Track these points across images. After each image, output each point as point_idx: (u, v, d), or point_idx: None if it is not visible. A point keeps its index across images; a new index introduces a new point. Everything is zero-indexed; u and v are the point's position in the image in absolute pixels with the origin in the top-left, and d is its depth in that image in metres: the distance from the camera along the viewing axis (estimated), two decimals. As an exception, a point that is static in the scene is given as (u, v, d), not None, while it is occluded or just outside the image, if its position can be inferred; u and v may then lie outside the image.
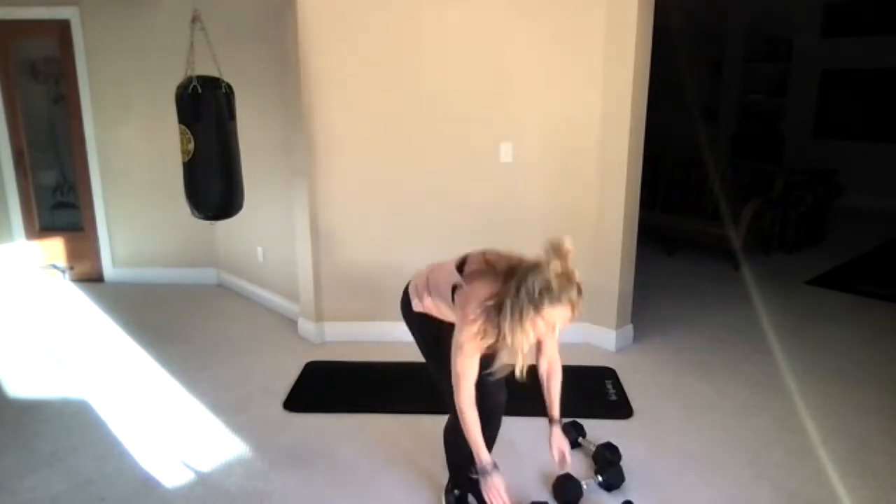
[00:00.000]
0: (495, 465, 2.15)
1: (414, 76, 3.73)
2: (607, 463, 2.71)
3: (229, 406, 3.33)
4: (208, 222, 3.33)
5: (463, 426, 2.12)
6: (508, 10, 3.63)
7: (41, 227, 5.22)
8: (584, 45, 3.64)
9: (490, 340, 2.05)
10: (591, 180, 3.82)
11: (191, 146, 3.02)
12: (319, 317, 4.09)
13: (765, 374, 3.65)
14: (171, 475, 2.78)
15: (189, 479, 2.75)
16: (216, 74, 3.07)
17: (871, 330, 4.26)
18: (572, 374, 3.64)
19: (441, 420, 3.12)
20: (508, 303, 1.92)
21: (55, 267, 5.24)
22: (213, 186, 3.10)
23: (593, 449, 2.81)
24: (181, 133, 3.05)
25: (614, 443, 2.81)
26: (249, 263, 4.79)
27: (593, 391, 3.47)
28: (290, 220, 4.09)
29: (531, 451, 2.93)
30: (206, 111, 2.99)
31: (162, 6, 4.68)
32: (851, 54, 7.81)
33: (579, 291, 1.91)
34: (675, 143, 7.19)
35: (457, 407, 2.11)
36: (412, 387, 3.45)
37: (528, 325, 1.92)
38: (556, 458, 2.39)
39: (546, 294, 1.87)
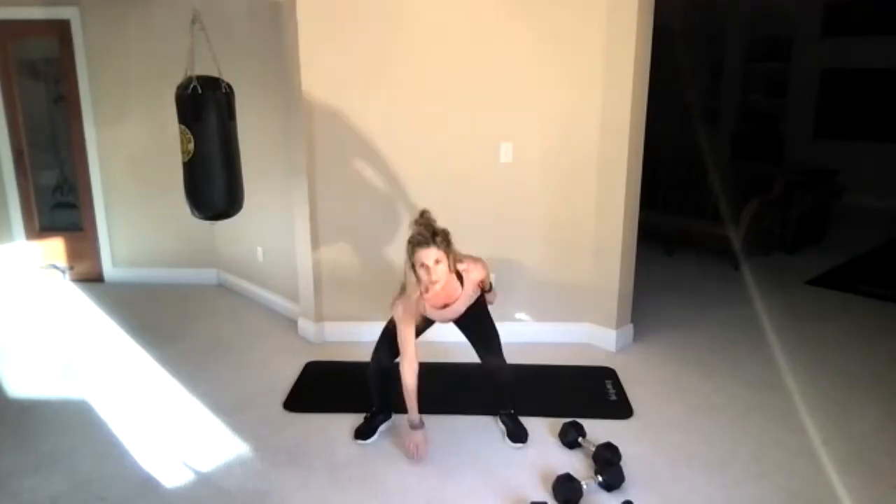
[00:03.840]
0: (422, 423, 2.86)
1: (414, 76, 3.73)
2: (607, 463, 2.70)
3: (229, 406, 3.33)
4: (208, 222, 3.32)
5: (403, 387, 2.82)
6: (508, 11, 3.63)
7: (41, 227, 5.22)
8: (584, 45, 3.64)
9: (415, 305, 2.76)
10: (591, 180, 3.82)
11: (191, 146, 3.02)
12: (319, 317, 4.08)
13: (765, 373, 3.65)
14: (171, 475, 2.78)
15: (189, 479, 2.75)
16: (216, 74, 3.07)
17: (871, 330, 4.26)
18: (572, 374, 3.66)
19: (441, 419, 3.13)
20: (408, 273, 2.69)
21: (55, 267, 5.24)
22: (213, 186, 3.10)
23: (593, 449, 2.81)
24: (181, 133, 3.05)
25: (614, 443, 2.81)
26: (249, 263, 4.80)
27: (593, 391, 3.47)
28: (290, 220, 4.09)
29: (531, 451, 2.93)
30: (206, 111, 2.99)
31: (162, 6, 4.67)
32: (851, 54, 7.81)
33: (438, 234, 2.62)
34: (675, 143, 7.19)
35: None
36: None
37: (417, 270, 2.63)
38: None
39: (410, 245, 2.64)
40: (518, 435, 3.01)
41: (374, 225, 3.94)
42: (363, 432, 3.04)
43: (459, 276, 2.79)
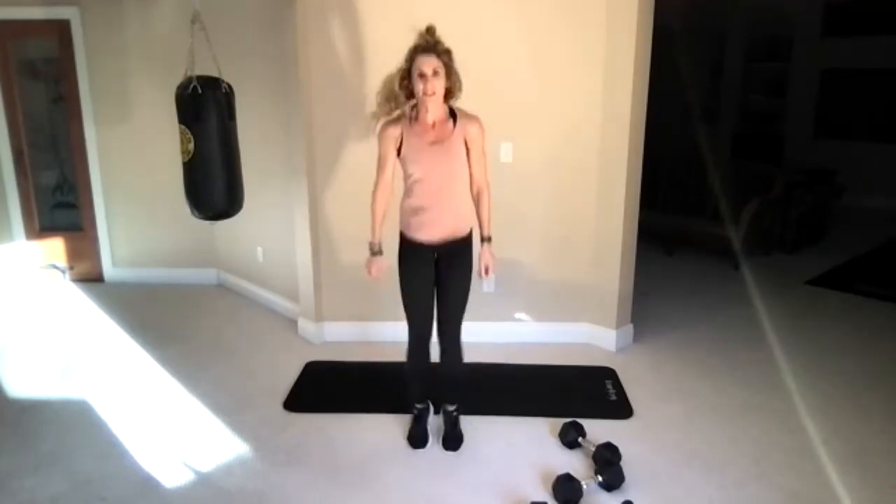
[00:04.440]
0: (380, 249, 2.85)
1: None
2: (607, 463, 2.70)
3: (229, 406, 3.33)
4: (208, 222, 3.32)
5: (371, 208, 2.85)
6: (508, 11, 3.63)
7: (41, 227, 5.22)
8: (584, 45, 3.64)
9: (400, 126, 2.65)
10: (591, 180, 3.82)
11: (191, 146, 3.02)
12: (319, 317, 4.08)
13: (765, 373, 3.65)
14: (171, 475, 2.78)
15: (189, 480, 2.75)
16: (216, 74, 3.07)
17: (871, 330, 4.26)
18: (572, 374, 3.66)
19: (439, 420, 3.12)
20: (395, 80, 2.62)
21: (55, 267, 5.24)
22: (213, 186, 3.10)
23: (593, 449, 2.81)
24: (181, 133, 3.05)
25: (614, 443, 2.81)
26: (249, 263, 4.80)
27: (593, 391, 3.47)
28: (290, 220, 4.09)
29: (530, 451, 2.93)
30: (206, 111, 2.99)
31: (162, 6, 4.67)
32: (851, 54, 7.81)
33: (441, 45, 2.56)
34: (675, 143, 7.19)
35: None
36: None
37: (414, 80, 2.53)
38: (481, 269, 2.80)
39: (411, 51, 2.56)
40: (453, 440, 2.93)
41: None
42: (418, 439, 2.95)
43: (453, 116, 2.66)
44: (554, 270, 3.97)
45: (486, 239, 2.81)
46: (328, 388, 3.55)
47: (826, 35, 7.99)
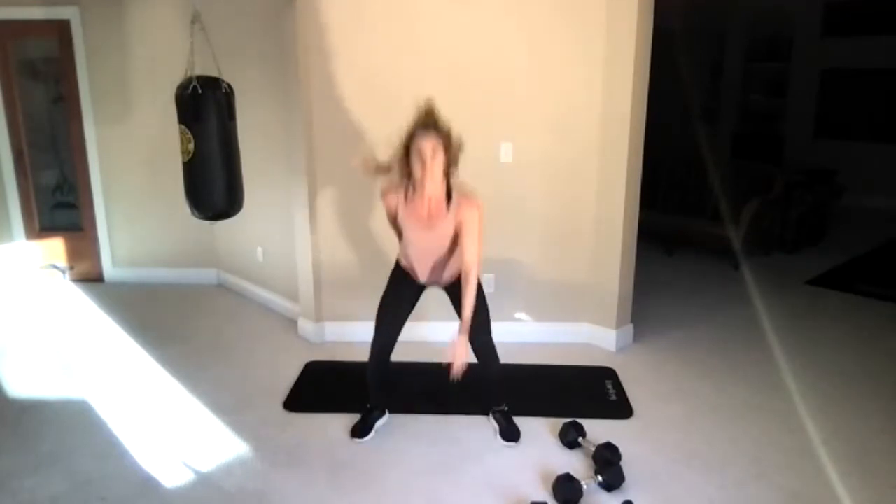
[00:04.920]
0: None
1: (414, 76, 3.72)
2: (607, 463, 2.70)
3: (229, 406, 3.33)
4: (208, 222, 3.32)
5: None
6: (508, 11, 3.63)
7: (41, 227, 5.22)
8: (584, 45, 3.64)
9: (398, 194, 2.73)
10: (591, 180, 3.82)
11: (191, 146, 3.02)
12: (319, 317, 4.08)
13: (765, 373, 3.65)
14: (171, 475, 2.78)
15: (189, 480, 2.75)
16: (216, 74, 3.07)
17: (871, 330, 4.26)
18: (572, 374, 3.66)
19: (440, 420, 3.13)
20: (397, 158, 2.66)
21: (55, 267, 5.24)
22: (213, 186, 3.10)
23: (593, 449, 2.81)
24: (181, 133, 3.05)
25: (614, 443, 2.81)
26: (249, 263, 4.79)
27: (593, 391, 3.47)
28: (290, 220, 4.09)
29: (531, 451, 2.93)
30: (206, 111, 2.99)
31: (162, 6, 4.68)
32: (851, 54, 7.81)
33: (440, 124, 2.58)
34: (675, 143, 7.19)
35: None
36: (412, 386, 3.45)
37: (412, 159, 2.57)
38: (448, 358, 2.68)
39: (410, 129, 2.59)
40: (511, 433, 3.00)
41: (374, 225, 3.93)
42: (359, 430, 3.04)
43: (450, 196, 2.66)
44: (554, 270, 3.97)
45: (462, 331, 2.70)
46: (328, 388, 3.55)
47: (826, 35, 7.99)
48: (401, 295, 2.94)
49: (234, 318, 4.53)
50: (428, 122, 2.58)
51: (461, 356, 2.67)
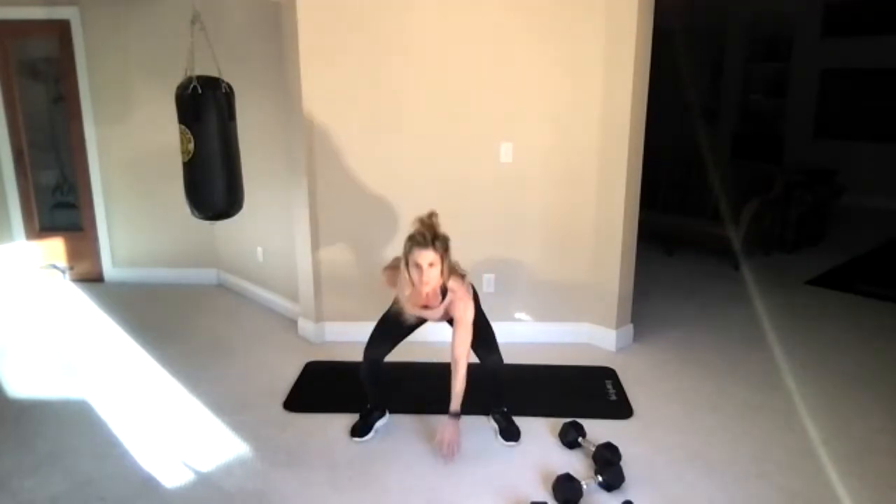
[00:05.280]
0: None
1: (414, 76, 3.73)
2: (607, 463, 2.70)
3: (229, 406, 3.33)
4: (208, 222, 3.32)
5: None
6: (508, 11, 3.63)
7: (41, 227, 5.22)
8: (584, 45, 3.64)
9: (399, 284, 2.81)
10: (591, 180, 3.82)
11: (191, 146, 3.02)
12: (319, 317, 4.08)
13: (765, 373, 3.65)
14: (171, 475, 2.78)
15: (189, 480, 2.75)
16: (216, 74, 3.07)
17: (871, 330, 4.26)
18: (572, 374, 3.66)
19: (438, 420, 3.13)
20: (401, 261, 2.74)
21: (55, 267, 5.24)
22: (213, 186, 3.10)
23: (593, 449, 2.81)
24: (181, 133, 3.05)
25: (614, 443, 2.81)
26: (249, 263, 4.80)
27: (593, 391, 3.47)
28: (290, 220, 4.09)
29: (531, 451, 2.93)
30: (206, 111, 2.99)
31: (162, 6, 4.68)
32: (851, 54, 7.81)
33: (439, 238, 2.63)
34: (675, 143, 7.19)
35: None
36: (412, 387, 3.46)
37: (410, 269, 2.66)
38: (437, 444, 2.85)
39: (410, 242, 2.65)
40: (511, 433, 3.01)
41: (374, 225, 3.94)
42: (359, 430, 3.04)
43: (444, 291, 2.77)
44: (554, 270, 3.97)
45: (452, 414, 2.80)
46: (328, 388, 3.55)
47: (826, 35, 7.99)
48: (396, 322, 2.95)
49: (234, 317, 4.53)
50: (425, 236, 2.64)
51: (452, 441, 2.80)
